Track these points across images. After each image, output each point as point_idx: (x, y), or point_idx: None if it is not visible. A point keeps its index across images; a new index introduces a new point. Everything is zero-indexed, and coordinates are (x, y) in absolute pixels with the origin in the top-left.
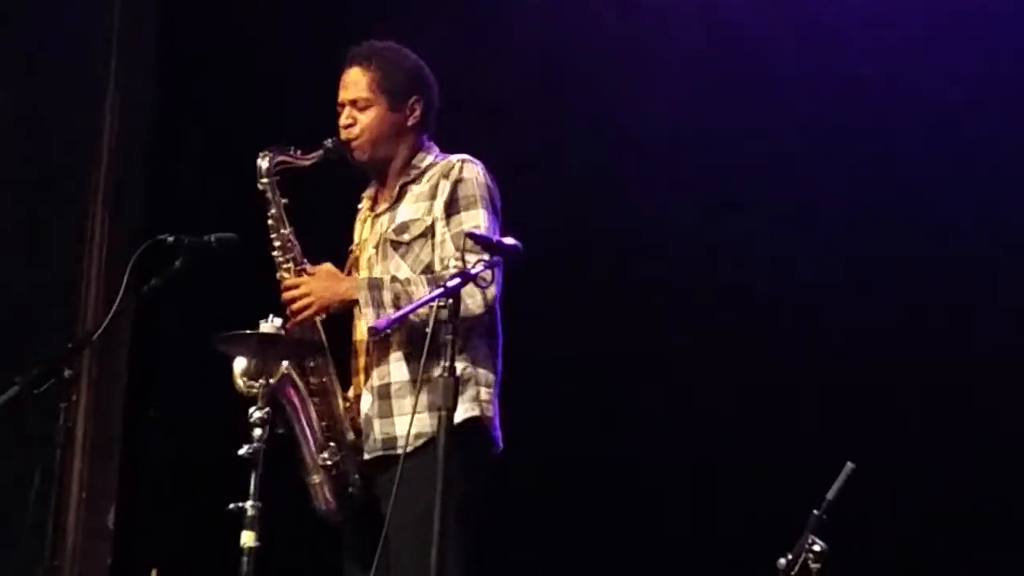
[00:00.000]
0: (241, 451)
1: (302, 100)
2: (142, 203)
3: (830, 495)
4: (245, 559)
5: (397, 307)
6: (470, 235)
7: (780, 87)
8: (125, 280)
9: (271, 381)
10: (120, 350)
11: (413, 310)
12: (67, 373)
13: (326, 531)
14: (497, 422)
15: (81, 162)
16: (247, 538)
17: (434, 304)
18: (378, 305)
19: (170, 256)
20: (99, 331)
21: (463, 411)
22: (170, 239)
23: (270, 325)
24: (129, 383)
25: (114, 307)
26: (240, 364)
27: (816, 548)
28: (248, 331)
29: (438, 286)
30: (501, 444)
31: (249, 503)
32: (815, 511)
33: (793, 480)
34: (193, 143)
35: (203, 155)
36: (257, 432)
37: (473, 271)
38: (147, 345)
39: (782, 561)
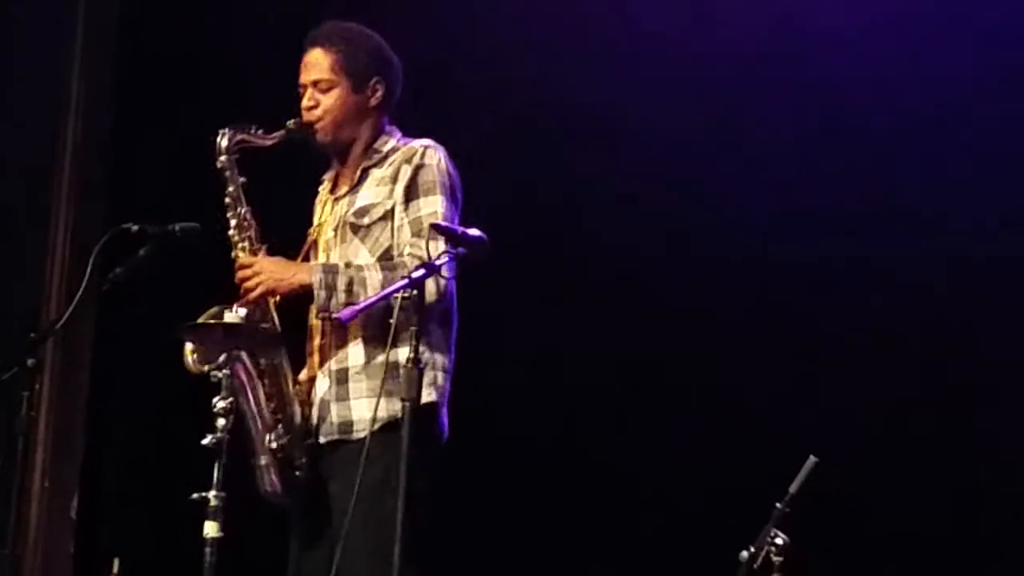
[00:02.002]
0: (205, 441)
1: (267, 93)
2: (106, 192)
3: (792, 488)
4: (208, 549)
5: (350, 292)
6: (435, 226)
7: (767, 86)
8: (89, 269)
9: (222, 366)
10: (83, 339)
11: (377, 302)
12: (30, 362)
13: (288, 522)
14: (445, 411)
15: (45, 151)
16: (210, 528)
17: (397, 295)
18: (331, 289)
19: (134, 245)
20: (62, 320)
21: (423, 395)
22: (134, 228)
23: (235, 315)
24: (92, 372)
25: (77, 296)
26: (191, 343)
27: (778, 541)
28: (212, 321)
29: (402, 277)
30: (446, 434)
31: (212, 493)
32: (778, 504)
33: (760, 473)
34: (157, 132)
35: (167, 144)
36: (220, 422)
37: (437, 262)
38: (111, 334)
39: (744, 554)
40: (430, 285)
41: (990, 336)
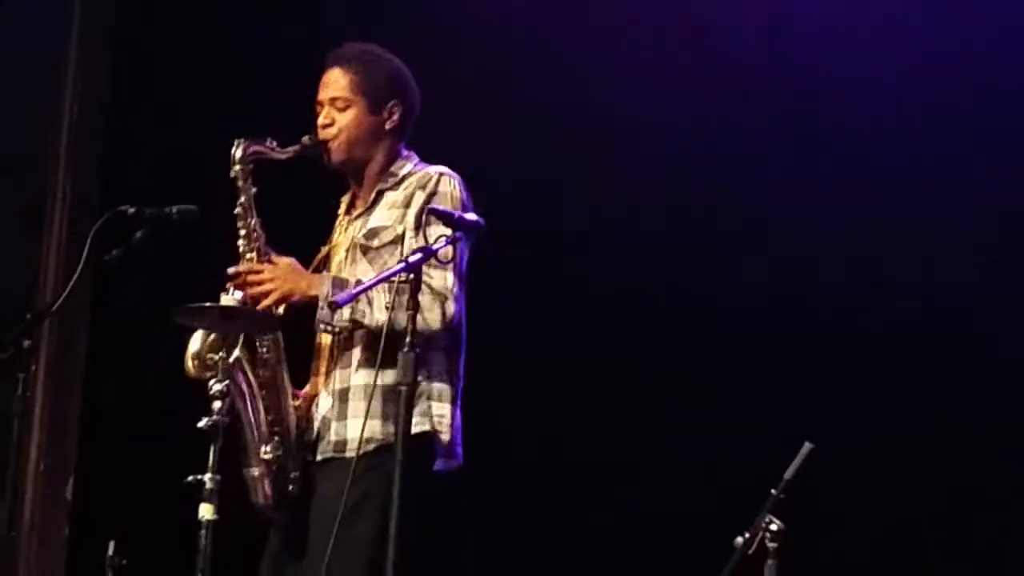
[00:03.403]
0: (200, 424)
1: (268, 74)
2: (103, 173)
3: (788, 475)
4: (203, 532)
5: (355, 310)
6: (431, 210)
7: (763, 88)
8: (85, 251)
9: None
10: (80, 321)
11: (372, 285)
12: (26, 343)
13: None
14: (458, 437)
15: (40, 135)
16: (205, 511)
17: (390, 309)
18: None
19: (131, 228)
20: (59, 302)
21: (414, 424)
22: (131, 210)
23: (231, 298)
24: (88, 354)
25: (74, 278)
26: (194, 346)
27: (773, 527)
28: (208, 303)
29: (401, 261)
30: (460, 458)
31: (208, 476)
32: (773, 491)
33: (754, 460)
34: (155, 113)
35: (165, 125)
36: (216, 405)
37: (435, 246)
38: (107, 316)
39: (739, 540)
40: (435, 312)
41: (989, 333)
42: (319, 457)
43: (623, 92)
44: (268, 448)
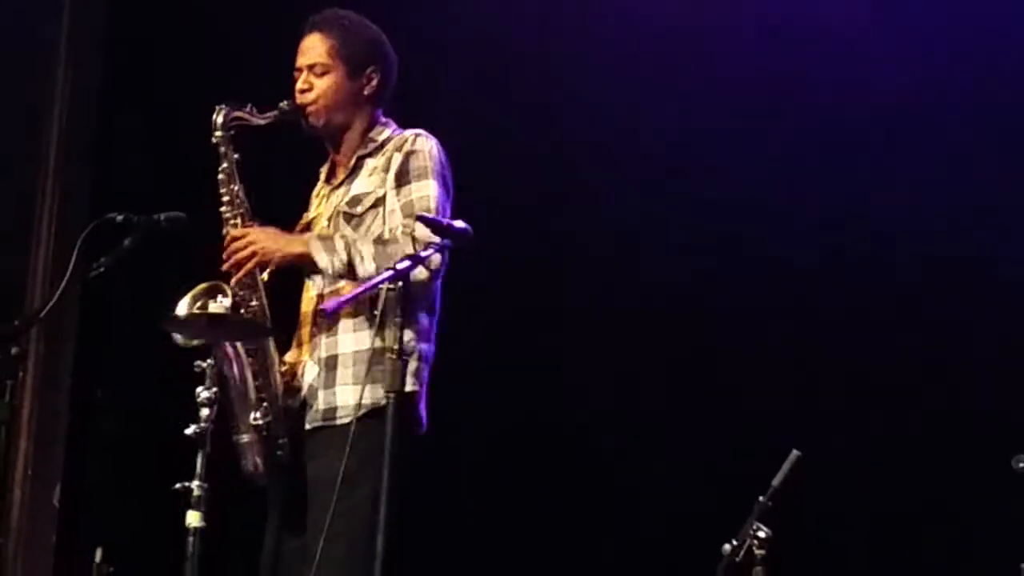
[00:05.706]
0: (188, 431)
1: (252, 85)
2: (91, 182)
3: (775, 482)
4: (191, 539)
5: (349, 253)
6: (420, 217)
7: (757, 87)
8: (74, 258)
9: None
10: (67, 328)
11: (362, 293)
12: (13, 350)
13: (268, 500)
14: (423, 403)
15: (30, 140)
16: (193, 518)
17: (383, 285)
18: (331, 251)
19: (119, 235)
20: (47, 309)
21: (406, 384)
22: (119, 218)
23: (219, 305)
24: (76, 361)
25: (62, 285)
26: (181, 311)
27: (761, 534)
28: (198, 311)
29: (390, 264)
30: (425, 425)
31: (195, 483)
32: (760, 498)
33: (741, 467)
34: (141, 123)
35: (151, 134)
36: (204, 412)
37: (423, 254)
38: (95, 323)
39: (727, 547)
40: (421, 271)
41: (978, 334)
42: (308, 426)
43: (622, 94)
44: (257, 415)
